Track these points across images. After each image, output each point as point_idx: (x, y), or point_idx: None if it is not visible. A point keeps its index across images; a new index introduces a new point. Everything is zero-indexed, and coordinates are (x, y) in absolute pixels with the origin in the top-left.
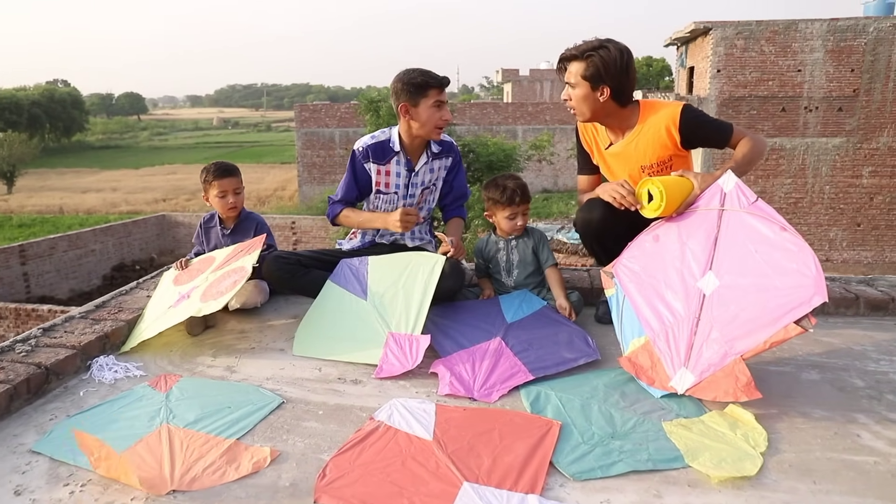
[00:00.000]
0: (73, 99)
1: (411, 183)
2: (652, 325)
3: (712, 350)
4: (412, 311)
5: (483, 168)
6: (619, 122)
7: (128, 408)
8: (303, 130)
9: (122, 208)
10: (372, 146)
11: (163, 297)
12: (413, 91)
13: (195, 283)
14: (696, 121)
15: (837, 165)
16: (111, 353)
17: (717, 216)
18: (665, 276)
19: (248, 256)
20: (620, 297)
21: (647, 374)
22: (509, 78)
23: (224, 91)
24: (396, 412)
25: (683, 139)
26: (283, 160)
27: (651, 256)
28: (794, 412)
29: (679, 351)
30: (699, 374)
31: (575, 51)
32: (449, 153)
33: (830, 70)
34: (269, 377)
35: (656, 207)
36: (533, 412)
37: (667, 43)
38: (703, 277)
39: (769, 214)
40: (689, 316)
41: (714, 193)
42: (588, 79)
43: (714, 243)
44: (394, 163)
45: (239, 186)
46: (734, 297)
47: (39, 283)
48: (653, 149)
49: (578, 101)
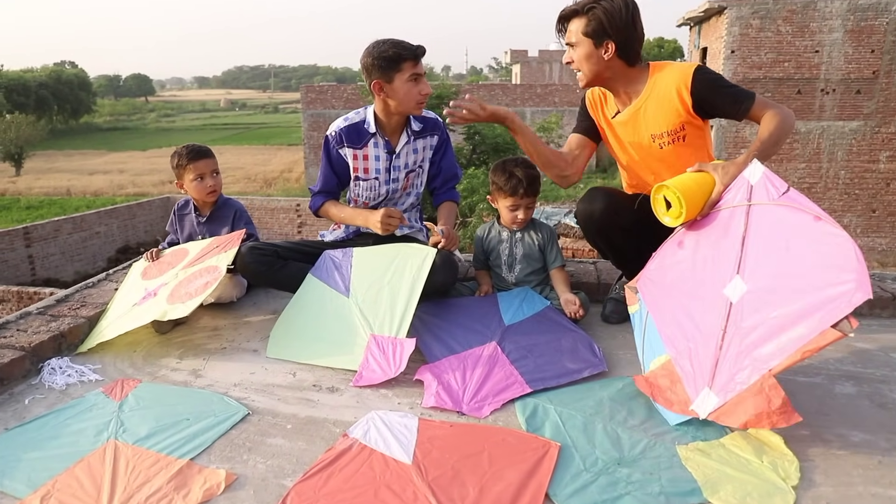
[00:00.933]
0: (80, 80)
1: (393, 166)
2: (675, 342)
3: (739, 366)
4: (397, 312)
5: (489, 150)
6: (627, 84)
7: (75, 419)
8: (309, 112)
9: (128, 190)
10: (345, 129)
11: (129, 293)
12: (385, 66)
13: (164, 279)
14: (712, 84)
15: (854, 150)
16: (66, 355)
17: (745, 213)
18: (690, 286)
19: (223, 254)
20: (644, 313)
21: (665, 395)
22: (518, 59)
23: (231, 72)
24: (374, 428)
25: (695, 103)
26: (290, 142)
27: (675, 266)
28: (830, 434)
29: (703, 369)
30: (725, 396)
31: (575, 6)
32: (434, 131)
33: (849, 51)
34: (237, 383)
35: (677, 215)
36: (528, 429)
37: (679, 23)
38: (730, 283)
39: (801, 204)
40: (715, 329)
41: (740, 187)
42: (590, 34)
43: (742, 243)
44: (371, 146)
45: (216, 168)
46: (763, 302)
47: (45, 266)
48: (663, 114)
49: (581, 60)
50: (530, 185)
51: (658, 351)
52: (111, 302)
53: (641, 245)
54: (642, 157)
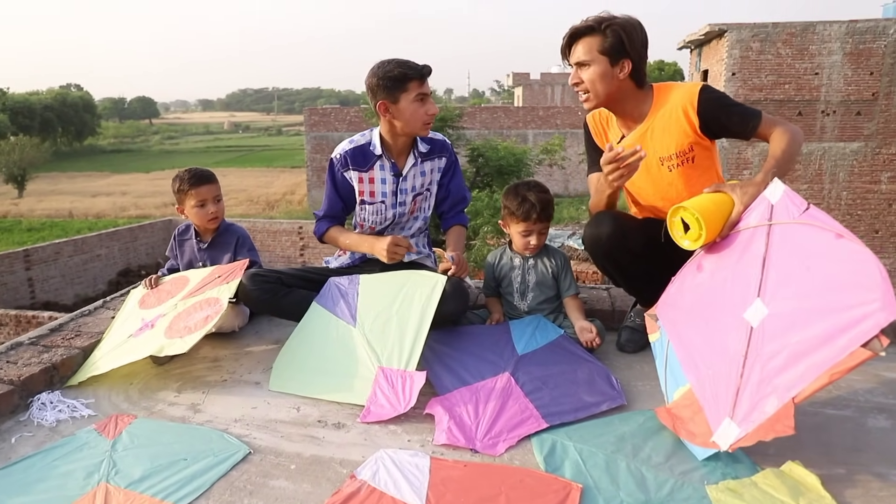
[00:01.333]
0: (85, 103)
1: (399, 189)
2: (695, 369)
3: (762, 394)
4: (406, 342)
5: (493, 173)
6: (633, 107)
7: (64, 459)
8: (312, 134)
9: (131, 212)
10: (350, 151)
11: (125, 322)
12: (391, 86)
13: (162, 309)
14: (718, 102)
15: (855, 171)
16: (58, 388)
17: (766, 233)
18: (710, 310)
19: (225, 286)
20: (665, 342)
21: (687, 427)
22: (520, 82)
23: (235, 95)
24: (383, 468)
25: (703, 123)
26: (293, 164)
27: (694, 290)
28: (867, 473)
29: (724, 398)
30: (747, 426)
31: (591, 23)
32: (441, 152)
33: (849, 73)
34: (238, 418)
35: (696, 238)
36: (547, 469)
37: (680, 46)
38: (751, 307)
39: (822, 221)
40: (736, 355)
41: (759, 207)
42: (607, 52)
43: (762, 265)
44: (377, 168)
45: (219, 194)
46: (785, 326)
47: (44, 289)
48: (671, 136)
49: (594, 80)
50: (543, 209)
51: (680, 381)
52: (107, 332)
53: (652, 269)
54: (651, 181)
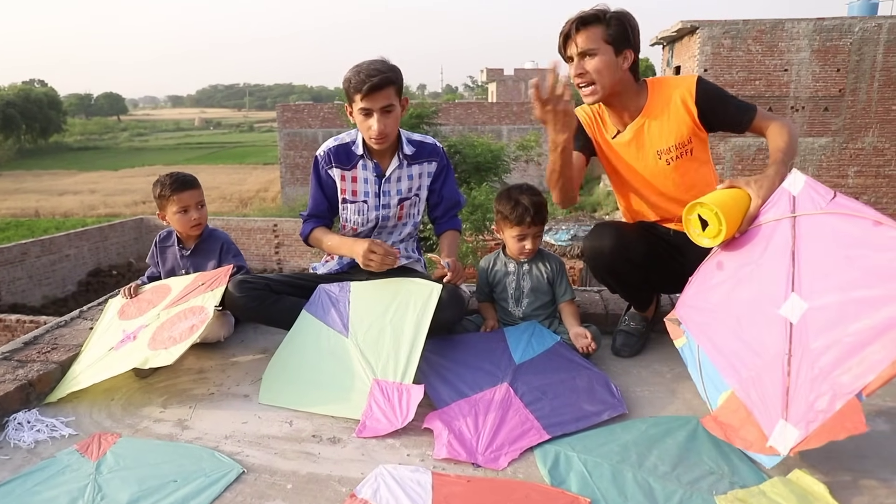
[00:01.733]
0: (49, 99)
1: (383, 191)
2: (735, 371)
3: (816, 392)
4: (402, 354)
5: (470, 170)
6: (630, 101)
7: (45, 484)
8: (285, 131)
9: (100, 211)
10: (334, 149)
11: (105, 334)
12: (346, 93)
13: (144, 319)
14: (715, 93)
15: (823, 165)
16: (35, 406)
17: (790, 225)
18: (738, 308)
19: (210, 293)
20: (694, 347)
21: (740, 435)
22: (494, 78)
23: (206, 91)
24: (384, 486)
25: (701, 115)
26: (266, 161)
27: (717, 288)
28: (873, 480)
29: (773, 399)
30: (805, 426)
31: (596, 12)
32: (431, 157)
33: (816, 70)
34: (228, 435)
35: (715, 234)
36: (553, 482)
37: (653, 42)
38: (786, 302)
39: (855, 209)
40: (779, 353)
41: (779, 200)
42: (613, 41)
43: (792, 258)
44: (360, 167)
45: (201, 199)
46: (831, 319)
47: (11, 290)
48: (669, 128)
49: (600, 69)
50: (537, 212)
51: (721, 386)
52: (85, 344)
53: (650, 276)
54: (648, 176)
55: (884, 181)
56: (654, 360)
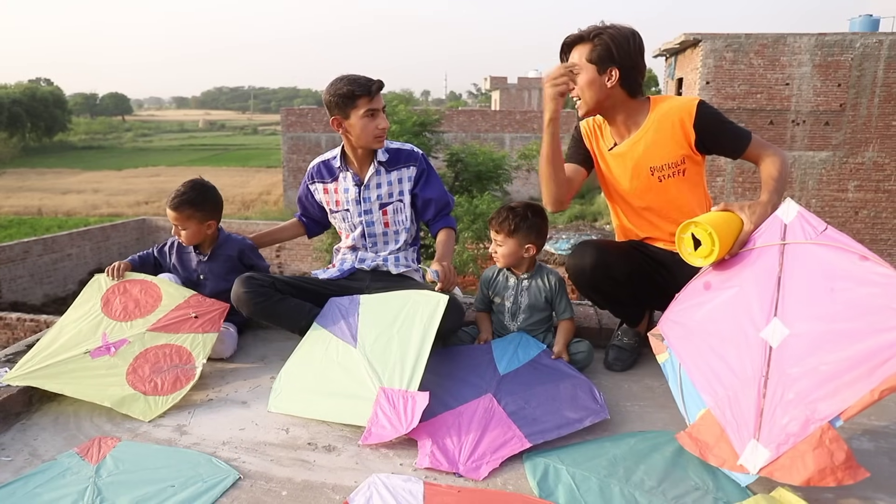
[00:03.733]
0: (55, 98)
1: (362, 197)
2: (712, 389)
3: (789, 416)
4: (408, 363)
5: (472, 178)
6: (627, 116)
7: (46, 487)
8: (289, 134)
9: (102, 210)
10: (318, 166)
11: (83, 321)
12: (342, 103)
13: (127, 330)
14: (714, 119)
15: (824, 179)
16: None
17: (779, 252)
18: (720, 327)
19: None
20: (676, 363)
21: (713, 452)
22: (497, 85)
23: (211, 93)
24: (376, 494)
25: (698, 138)
26: (269, 164)
27: (702, 306)
28: (853, 497)
29: (746, 419)
30: (776, 448)
31: (580, 32)
32: (408, 162)
33: (818, 84)
34: (226, 441)
35: (707, 254)
36: (541, 494)
37: (655, 54)
38: (768, 326)
39: (844, 243)
40: (756, 374)
41: (771, 226)
42: (594, 60)
43: (777, 284)
44: (341, 179)
45: (186, 223)
46: (810, 347)
47: (12, 289)
48: (664, 146)
49: (582, 87)
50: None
51: (699, 403)
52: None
53: (637, 292)
54: (640, 190)
55: (883, 196)
56: (646, 374)
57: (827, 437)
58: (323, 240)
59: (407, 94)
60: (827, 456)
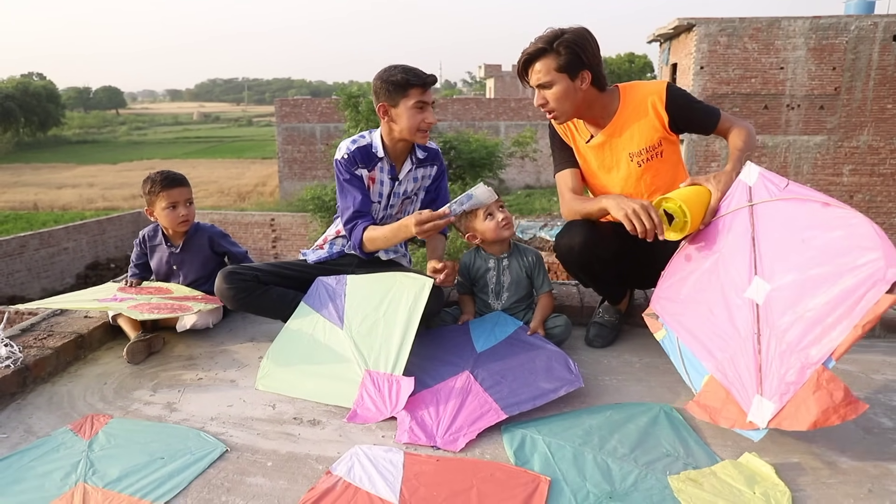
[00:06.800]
0: (48, 92)
1: (393, 193)
2: (711, 355)
3: (786, 366)
4: (393, 346)
5: (465, 165)
6: (601, 109)
7: (41, 460)
8: (283, 125)
9: (98, 204)
10: (356, 151)
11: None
12: (392, 90)
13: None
14: (684, 100)
15: (819, 163)
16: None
17: (749, 213)
18: (708, 295)
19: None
20: (673, 337)
21: (722, 415)
22: (492, 73)
23: (205, 85)
24: (358, 464)
25: (671, 120)
26: (265, 155)
27: (687, 279)
28: (819, 461)
29: (747, 377)
30: (779, 399)
31: (540, 43)
32: (434, 161)
33: (812, 68)
34: (214, 416)
35: (680, 227)
36: (517, 462)
37: (650, 39)
38: (751, 285)
39: (805, 194)
40: (748, 333)
41: (737, 191)
42: (564, 69)
43: (752, 244)
44: (378, 170)
45: (190, 197)
46: (792, 297)
47: (10, 283)
48: (640, 132)
49: (558, 99)
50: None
51: (701, 371)
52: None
53: (622, 270)
54: (621, 177)
55: (878, 179)
56: (625, 350)
57: (823, 379)
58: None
59: None
60: (827, 397)
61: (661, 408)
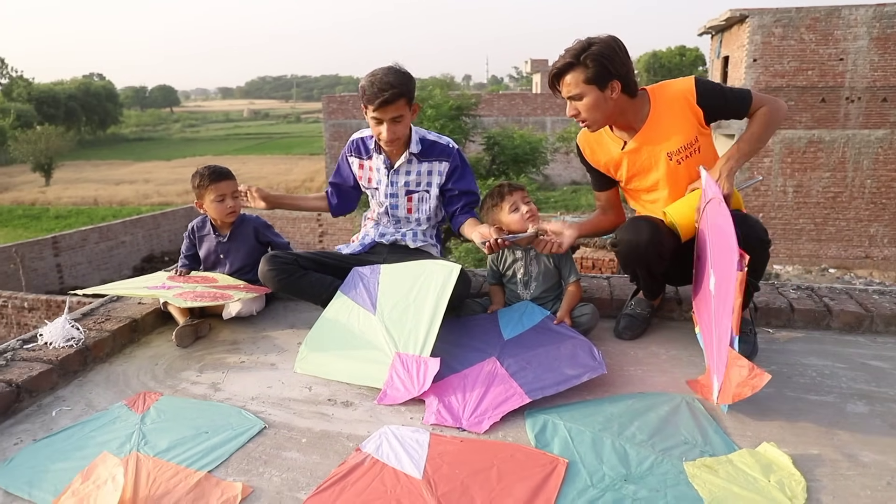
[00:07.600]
0: (107, 92)
1: (391, 181)
2: (707, 344)
3: (720, 347)
4: (422, 329)
5: (509, 161)
6: (633, 115)
7: (99, 431)
8: (331, 122)
9: (153, 199)
10: (358, 140)
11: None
12: (361, 98)
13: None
14: (714, 91)
15: (880, 158)
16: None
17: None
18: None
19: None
20: (697, 329)
21: (706, 392)
22: (538, 68)
23: (255, 83)
24: (386, 442)
25: (706, 114)
26: (312, 151)
27: (697, 277)
28: (839, 454)
29: (714, 361)
30: (718, 379)
31: (568, 57)
32: (442, 157)
33: (875, 59)
34: (254, 396)
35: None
36: (538, 445)
37: (701, 31)
38: (711, 278)
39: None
40: (710, 321)
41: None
42: (593, 80)
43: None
44: (374, 158)
45: (236, 190)
46: (719, 282)
47: (72, 274)
48: (675, 130)
49: (589, 109)
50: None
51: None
52: None
53: (669, 270)
54: (662, 178)
55: None
56: (652, 342)
57: (733, 356)
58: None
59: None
60: (738, 372)
61: (683, 398)
